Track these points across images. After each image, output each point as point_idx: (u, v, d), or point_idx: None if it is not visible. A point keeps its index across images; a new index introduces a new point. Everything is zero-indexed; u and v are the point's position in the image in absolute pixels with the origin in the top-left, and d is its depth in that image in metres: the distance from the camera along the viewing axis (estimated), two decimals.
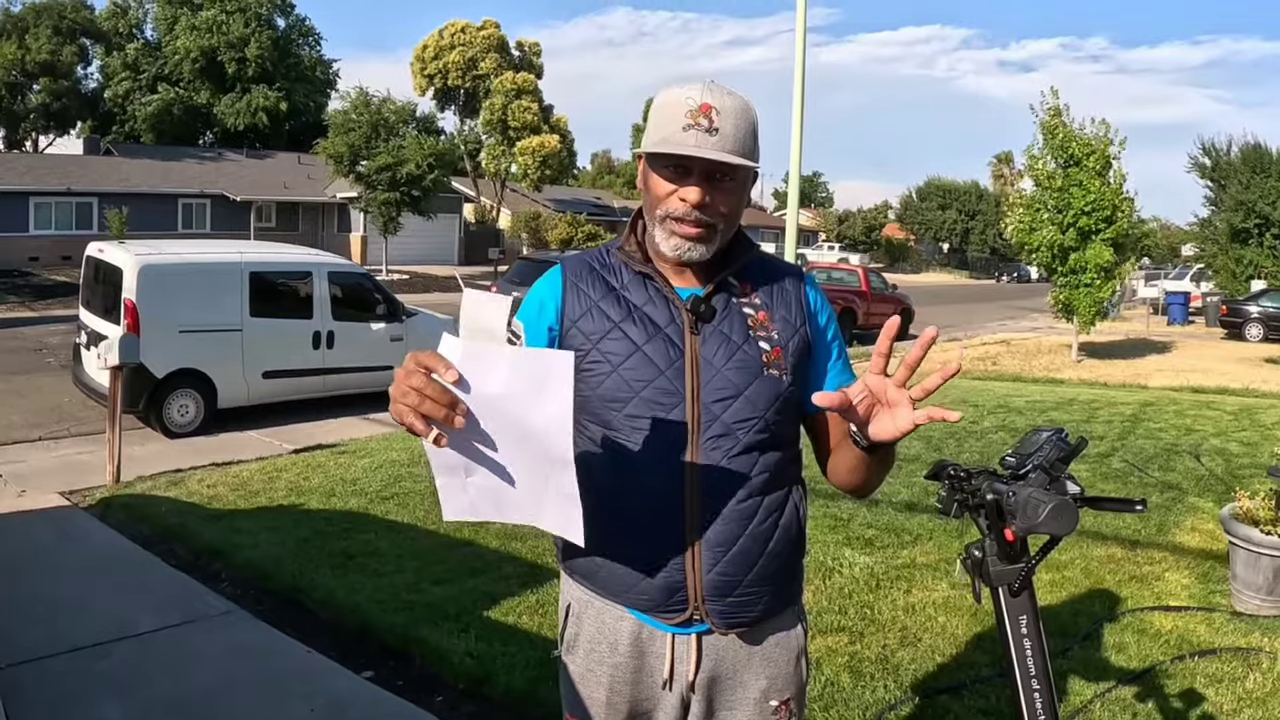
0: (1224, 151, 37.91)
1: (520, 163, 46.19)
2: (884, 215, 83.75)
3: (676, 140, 1.84)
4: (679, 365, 1.93)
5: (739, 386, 1.94)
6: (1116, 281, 20.17)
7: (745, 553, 1.95)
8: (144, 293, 10.54)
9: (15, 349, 17.37)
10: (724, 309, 1.98)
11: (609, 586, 2.01)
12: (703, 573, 1.94)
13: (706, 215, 1.88)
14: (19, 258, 33.62)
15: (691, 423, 1.92)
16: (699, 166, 1.86)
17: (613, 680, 2.05)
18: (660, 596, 1.96)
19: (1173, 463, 9.22)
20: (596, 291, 2.00)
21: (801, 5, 16.49)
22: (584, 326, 1.97)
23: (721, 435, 1.92)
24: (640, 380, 1.92)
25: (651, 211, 1.94)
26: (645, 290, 1.99)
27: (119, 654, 4.73)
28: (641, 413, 1.92)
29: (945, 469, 2.22)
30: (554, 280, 2.04)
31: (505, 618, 5.12)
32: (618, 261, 2.04)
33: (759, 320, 1.99)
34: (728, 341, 1.95)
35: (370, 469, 8.59)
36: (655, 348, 1.93)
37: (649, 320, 1.96)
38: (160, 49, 57.33)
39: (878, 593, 5.58)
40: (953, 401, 12.95)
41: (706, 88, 1.87)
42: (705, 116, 1.83)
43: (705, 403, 1.92)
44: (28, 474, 8.85)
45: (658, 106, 1.91)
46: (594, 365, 1.94)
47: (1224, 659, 4.75)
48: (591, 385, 1.94)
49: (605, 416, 1.95)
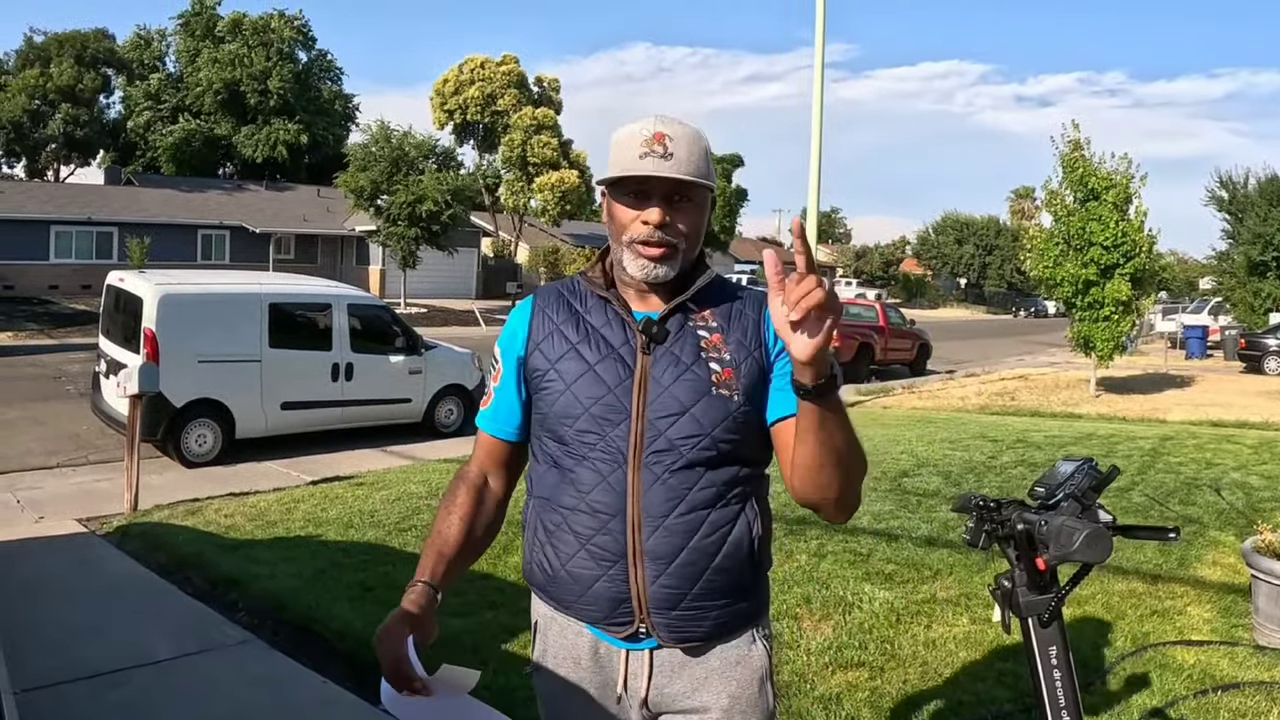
0: (1241, 184, 37.86)
1: (539, 198, 46.34)
2: (901, 250, 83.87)
3: (634, 168, 1.94)
4: (628, 384, 2.01)
5: (685, 404, 1.99)
6: (1135, 316, 20.09)
7: (689, 565, 1.98)
8: (164, 322, 10.59)
9: (35, 376, 17.47)
10: (678, 331, 2.06)
11: (562, 600, 2.09)
12: (646, 584, 1.99)
13: (668, 235, 1.97)
14: (39, 286, 33.89)
15: (635, 438, 1.99)
16: (657, 190, 1.96)
17: (579, 695, 2.11)
18: (607, 608, 2.02)
19: (1193, 496, 9.14)
20: (560, 316, 2.12)
21: (819, 42, 16.58)
22: (545, 349, 2.09)
23: (665, 450, 1.98)
24: (590, 397, 2.01)
25: (618, 238, 2.03)
26: (605, 314, 2.09)
27: (135, 682, 4.72)
28: (589, 428, 2.01)
29: (973, 500, 2.21)
30: (524, 307, 2.19)
31: (523, 650, 5.09)
32: (584, 287, 2.15)
33: (712, 342, 2.05)
34: (677, 362, 2.02)
35: (388, 501, 8.58)
36: (606, 367, 2.03)
37: (605, 341, 2.06)
38: (182, 80, 57.94)
39: (898, 628, 5.53)
40: (972, 436, 12.91)
41: (658, 119, 1.99)
42: (659, 144, 1.94)
43: (650, 419, 1.99)
44: (46, 500, 8.88)
45: (615, 141, 2.01)
46: (550, 384, 2.06)
47: (1247, 694, 4.68)
48: (548, 403, 2.06)
49: (559, 432, 2.05)
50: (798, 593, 5.98)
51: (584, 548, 2.02)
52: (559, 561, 2.06)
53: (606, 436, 2.00)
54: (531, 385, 2.12)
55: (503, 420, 2.19)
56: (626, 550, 1.99)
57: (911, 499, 8.83)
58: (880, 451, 11.31)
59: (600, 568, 2.01)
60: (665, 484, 1.98)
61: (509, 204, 48.30)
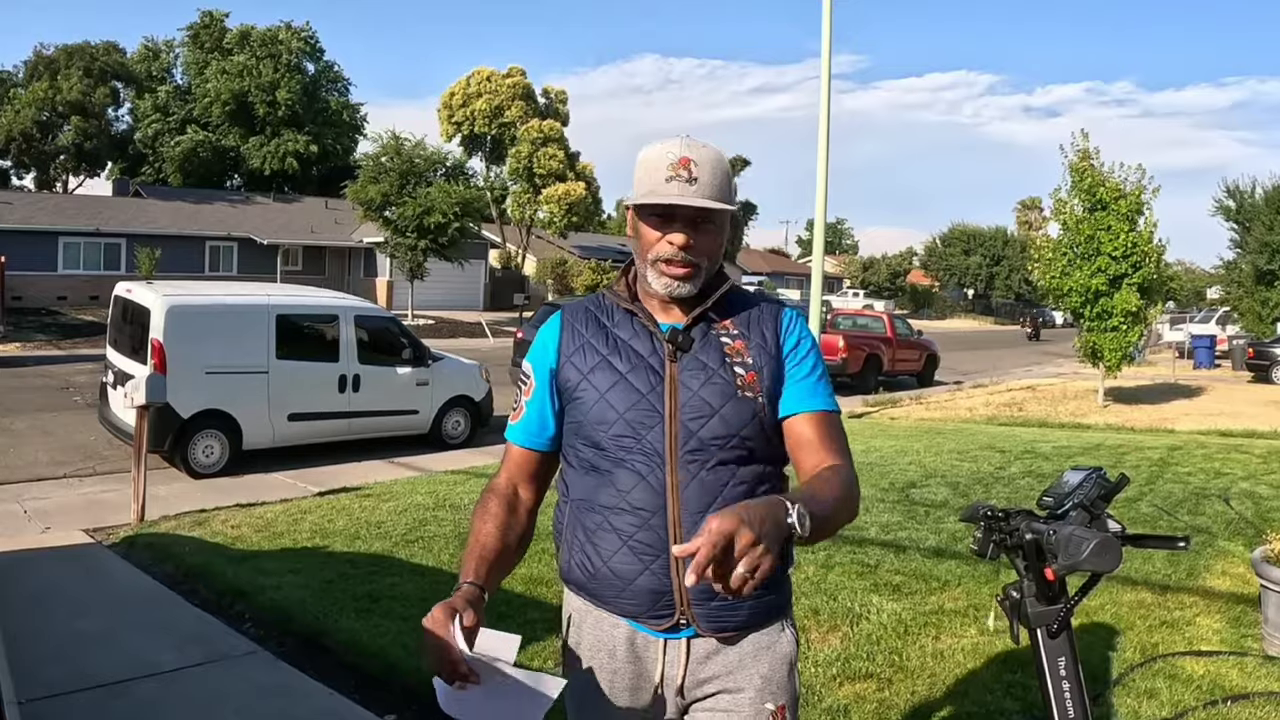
0: (1248, 193, 37.80)
1: (547, 209, 46.38)
2: (909, 261, 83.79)
3: (661, 191, 2.06)
4: (659, 390, 2.13)
5: (714, 407, 2.12)
6: (1143, 326, 20.06)
7: None
8: (171, 333, 10.60)
9: (42, 387, 17.50)
10: (702, 339, 2.19)
11: (603, 595, 2.18)
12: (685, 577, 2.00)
13: (691, 255, 2.10)
14: (47, 296, 33.95)
15: (670, 440, 2.11)
16: (682, 213, 2.08)
17: (613, 685, 2.20)
18: (649, 601, 2.12)
19: (1202, 506, 9.12)
20: (589, 330, 2.24)
21: (826, 53, 16.59)
22: (576, 361, 2.21)
23: (698, 450, 2.10)
24: (624, 404, 2.13)
25: (643, 256, 2.16)
26: (631, 326, 2.22)
27: (141, 692, 4.72)
28: (625, 432, 2.12)
29: (981, 510, 2.21)
30: (554, 322, 2.30)
31: (531, 662, 5.07)
32: (610, 302, 2.27)
33: (735, 349, 2.18)
34: (704, 368, 2.15)
35: (395, 512, 8.58)
36: (637, 375, 2.15)
37: (634, 351, 2.18)
38: (190, 92, 58.14)
39: (906, 639, 5.51)
40: (980, 447, 12.89)
41: (683, 143, 2.10)
42: (685, 169, 2.06)
43: (682, 421, 2.11)
44: (53, 511, 8.89)
45: (641, 162, 2.13)
46: (584, 394, 2.17)
47: (1257, 704, 4.66)
48: (583, 411, 2.17)
49: (595, 437, 2.16)
50: (805, 604, 5.96)
51: (626, 545, 2.12)
52: (600, 560, 2.15)
53: (643, 440, 2.11)
54: (564, 396, 2.22)
55: (535, 432, 2.27)
56: (667, 545, 2.08)
57: (919, 510, 8.81)
58: (888, 462, 11.29)
59: (642, 563, 2.11)
60: (701, 481, 2.09)
61: (516, 216, 48.36)
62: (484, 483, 8.58)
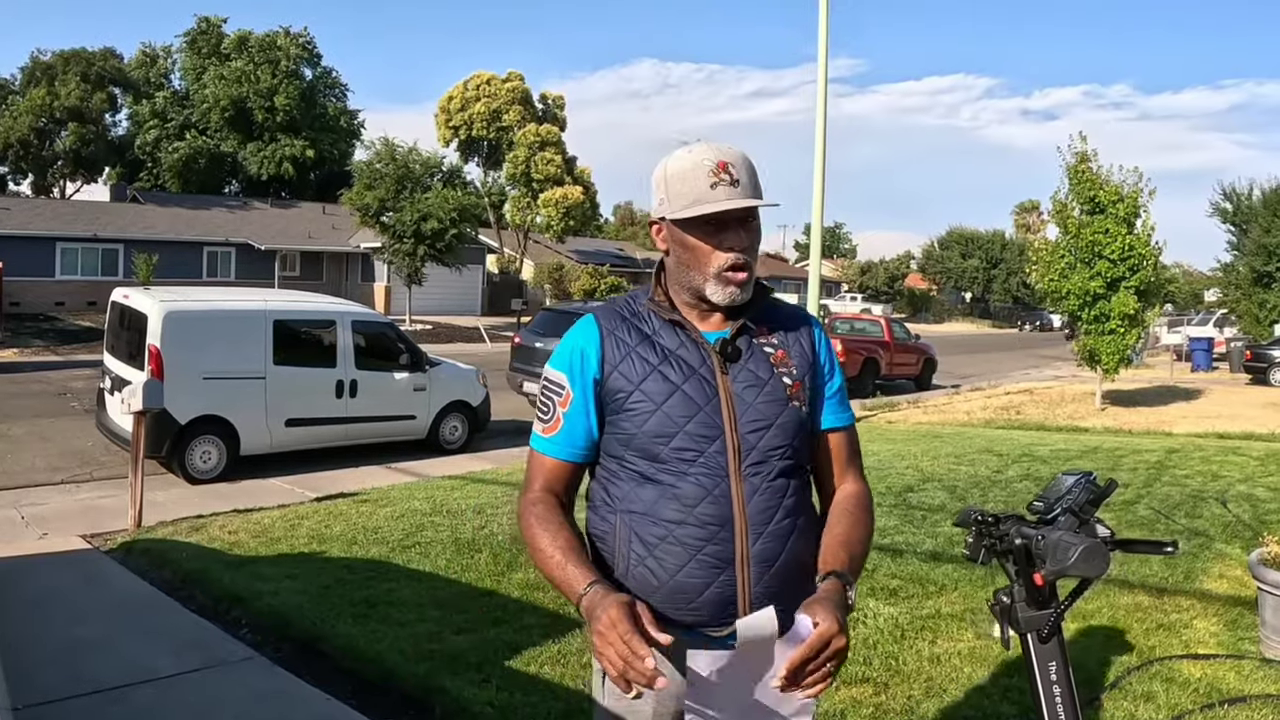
0: (1245, 196, 37.84)
1: (544, 214, 46.39)
2: (906, 265, 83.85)
3: (709, 198, 2.06)
4: (715, 402, 2.13)
5: (770, 418, 2.15)
6: (1141, 329, 20.07)
7: (786, 567, 2.15)
8: (168, 339, 10.60)
9: (40, 393, 17.50)
10: (747, 349, 2.20)
11: (663, 606, 2.11)
12: (751, 586, 2.12)
13: (747, 258, 2.14)
14: (45, 302, 33.97)
15: (732, 452, 2.12)
16: (733, 216, 2.09)
17: (660, 693, 2.11)
18: (713, 611, 2.12)
19: (1199, 509, 9.12)
20: (632, 338, 2.20)
21: (823, 57, 16.60)
22: (624, 370, 2.17)
23: (760, 463, 2.13)
24: (683, 416, 2.12)
25: (699, 268, 2.14)
26: (676, 335, 2.20)
27: (138, 698, 4.71)
28: (687, 445, 2.11)
29: (972, 515, 2.22)
30: (590, 330, 2.24)
31: (527, 668, 5.08)
32: (645, 310, 2.25)
33: (779, 358, 2.22)
34: (755, 378, 2.18)
35: (392, 518, 8.58)
36: (693, 387, 2.13)
37: (683, 362, 2.16)
38: (188, 98, 58.16)
39: (902, 643, 5.51)
40: (977, 451, 12.89)
41: (711, 147, 2.12)
42: (725, 172, 2.07)
43: (743, 433, 2.13)
44: (50, 517, 8.89)
45: (676, 173, 2.13)
46: (637, 405, 2.15)
47: (1254, 707, 4.66)
48: (637, 423, 2.15)
49: (653, 451, 2.14)
50: None
51: (694, 558, 2.11)
52: (666, 574, 2.13)
53: (705, 453, 2.11)
54: (611, 406, 2.20)
55: (574, 444, 2.24)
56: (734, 557, 2.10)
57: (916, 514, 8.82)
58: (885, 466, 11.29)
59: (711, 575, 2.11)
60: (764, 493, 2.13)
61: (514, 220, 48.37)
62: (481, 488, 8.58)
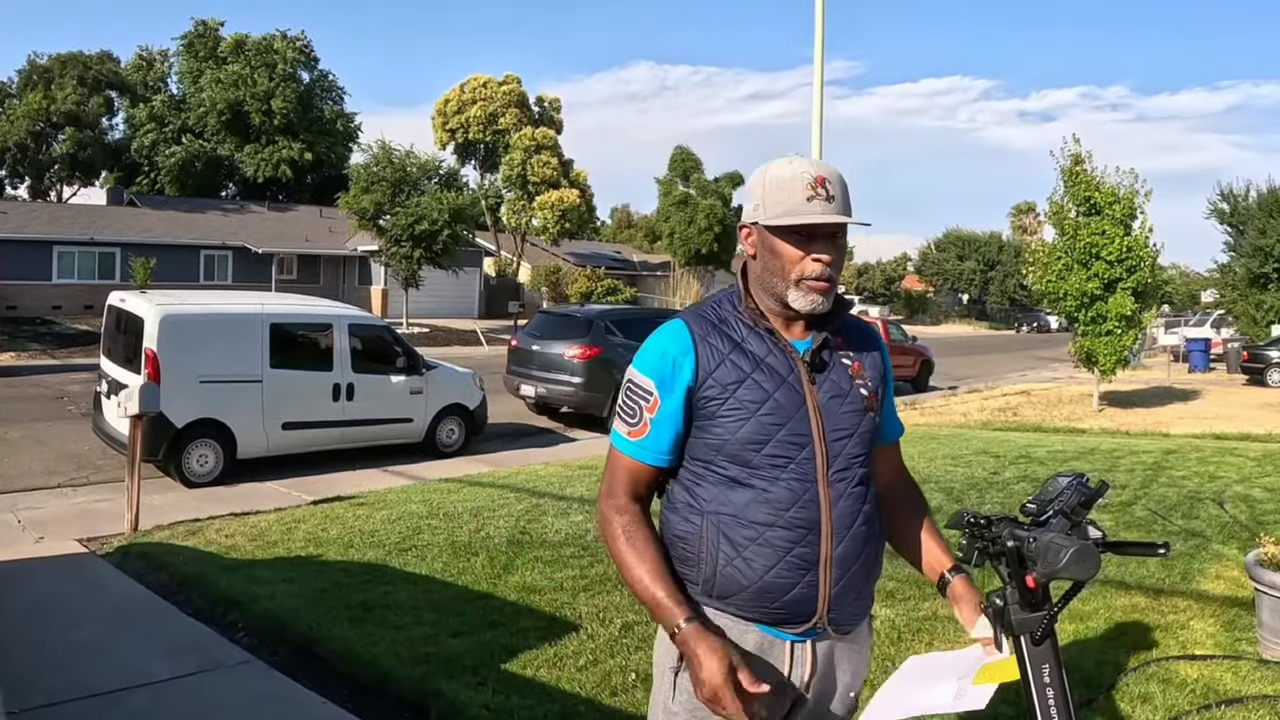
0: (1242, 197, 37.90)
1: (541, 216, 46.41)
2: (903, 267, 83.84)
3: (804, 210, 2.15)
4: (804, 410, 2.22)
5: (852, 427, 2.27)
6: (1138, 330, 20.09)
7: (864, 568, 2.29)
8: (165, 342, 10.60)
9: (37, 396, 17.49)
10: (830, 360, 2.31)
11: (746, 605, 2.22)
12: (831, 587, 2.22)
13: (831, 271, 2.21)
14: (42, 306, 33.98)
15: (820, 459, 2.21)
16: (824, 230, 2.19)
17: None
18: (795, 610, 2.21)
19: (1196, 510, 9.12)
20: (725, 345, 2.25)
21: (818, 59, 16.61)
22: (719, 377, 2.22)
23: (844, 469, 2.24)
24: (775, 424, 2.19)
25: (782, 275, 2.22)
26: (764, 343, 2.26)
27: (134, 702, 4.71)
28: (780, 452, 2.19)
29: (965, 517, 2.24)
30: (682, 336, 2.28)
31: (523, 670, 5.08)
32: (731, 316, 2.31)
33: (856, 369, 2.33)
34: (839, 389, 2.28)
35: (389, 521, 8.57)
36: (784, 395, 2.21)
37: (773, 370, 2.23)
38: (185, 101, 58.13)
39: (899, 645, 5.51)
40: (974, 452, 12.89)
41: (811, 162, 2.22)
42: (821, 187, 2.16)
43: (829, 441, 2.23)
44: (47, 521, 8.88)
45: (774, 182, 2.21)
46: (732, 412, 2.20)
47: (1251, 708, 4.66)
48: (730, 429, 2.21)
49: (745, 457, 2.20)
50: None
51: (783, 560, 2.18)
52: (755, 574, 2.19)
53: (796, 459, 2.19)
54: (703, 412, 2.24)
55: (661, 449, 2.28)
56: (819, 559, 2.20)
57: None
58: None
59: (797, 576, 2.19)
60: (848, 499, 2.24)
61: (510, 223, 48.40)
62: (478, 491, 8.58)
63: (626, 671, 5.03)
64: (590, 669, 5.08)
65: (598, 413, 16.02)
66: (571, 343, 16.09)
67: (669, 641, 2.21)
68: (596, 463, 12.00)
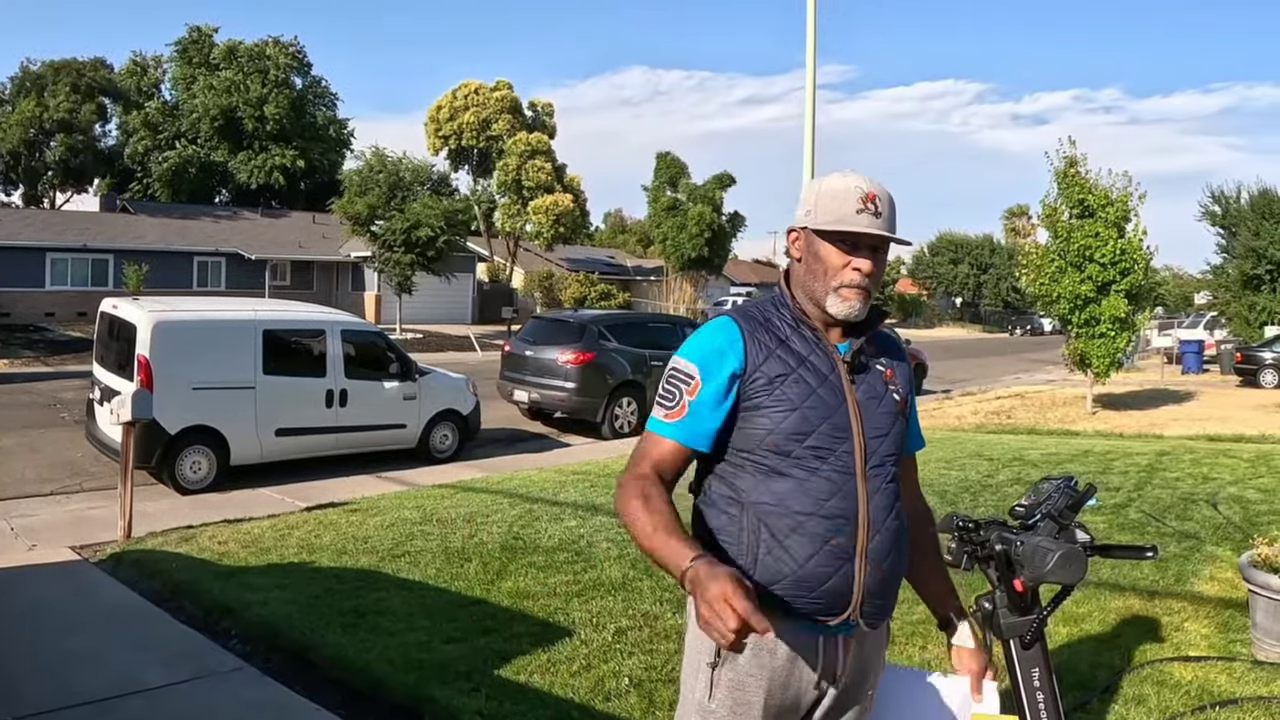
0: (1234, 198, 37.99)
1: (534, 222, 46.40)
2: (896, 270, 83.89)
3: (852, 221, 2.29)
4: (844, 408, 2.32)
5: (887, 427, 2.38)
6: (1131, 332, 20.10)
7: (895, 562, 2.36)
8: (157, 349, 10.58)
9: (29, 403, 17.46)
10: (868, 364, 2.42)
11: (788, 593, 2.26)
12: (865, 579, 2.28)
13: (869, 281, 2.33)
14: (35, 313, 33.91)
15: (859, 454, 2.30)
16: (867, 242, 2.31)
17: (770, 683, 2.29)
18: (831, 601, 2.26)
19: (1190, 512, 9.13)
20: (771, 341, 2.35)
21: (811, 63, 16.62)
22: (766, 370, 2.31)
23: (879, 466, 2.34)
24: (819, 418, 2.29)
25: (823, 279, 2.34)
26: (807, 343, 2.37)
27: (127, 710, 4.70)
28: (821, 444, 2.28)
29: (954, 521, 2.24)
30: (731, 331, 2.37)
31: (517, 676, 5.07)
32: (775, 318, 2.41)
33: (888, 376, 2.44)
34: (875, 391, 2.40)
35: (382, 527, 8.55)
36: (827, 391, 2.31)
37: (815, 368, 2.33)
38: (178, 108, 58.06)
39: (892, 649, 5.49)
40: (968, 455, 12.90)
41: (865, 179, 2.34)
42: (872, 203, 2.29)
43: (868, 438, 2.32)
44: (39, 528, 8.85)
45: (829, 190, 2.34)
46: (777, 404, 2.29)
47: (1246, 709, 4.67)
48: (775, 420, 2.29)
49: (787, 448, 2.28)
50: None
51: (821, 549, 2.24)
52: (795, 563, 2.24)
53: (836, 451, 2.28)
54: (749, 404, 2.32)
55: (695, 432, 2.33)
56: (855, 551, 2.26)
57: None
58: None
59: (834, 565, 2.25)
60: (882, 494, 2.33)
61: (504, 228, 48.36)
62: (471, 496, 8.56)
63: (620, 677, 5.03)
64: (584, 674, 5.08)
65: (591, 418, 16.03)
66: (565, 348, 16.07)
67: (701, 635, 2.24)
68: (590, 468, 11.99)
